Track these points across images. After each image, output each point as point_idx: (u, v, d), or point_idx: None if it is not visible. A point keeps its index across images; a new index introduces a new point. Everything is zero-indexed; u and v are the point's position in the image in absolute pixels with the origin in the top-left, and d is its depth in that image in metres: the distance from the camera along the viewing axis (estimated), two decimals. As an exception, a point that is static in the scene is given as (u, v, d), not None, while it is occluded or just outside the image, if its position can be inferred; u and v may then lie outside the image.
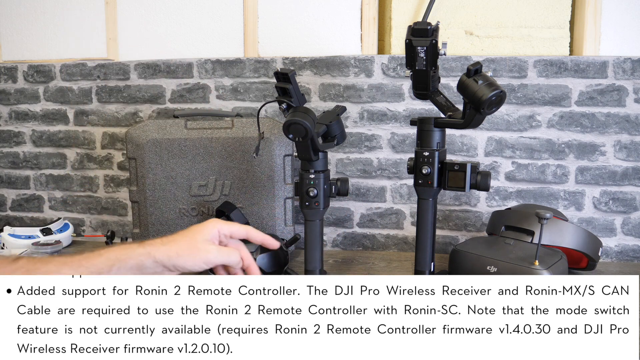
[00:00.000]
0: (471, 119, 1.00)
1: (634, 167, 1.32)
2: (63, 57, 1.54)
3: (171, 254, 0.71)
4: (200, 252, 0.72)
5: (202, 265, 0.72)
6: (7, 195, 1.62)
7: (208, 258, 0.72)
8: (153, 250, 0.71)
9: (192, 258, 0.71)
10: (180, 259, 0.71)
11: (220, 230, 0.76)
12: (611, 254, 1.35)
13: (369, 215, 1.44)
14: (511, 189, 1.38)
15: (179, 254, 0.71)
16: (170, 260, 0.71)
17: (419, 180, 1.07)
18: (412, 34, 0.99)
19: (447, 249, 1.39)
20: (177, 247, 0.71)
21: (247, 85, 1.45)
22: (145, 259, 0.70)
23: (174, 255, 0.71)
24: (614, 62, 1.30)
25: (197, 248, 0.72)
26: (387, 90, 1.38)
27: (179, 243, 0.72)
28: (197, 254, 0.72)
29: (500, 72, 1.33)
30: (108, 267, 0.69)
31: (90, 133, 1.54)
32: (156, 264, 0.70)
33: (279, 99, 1.02)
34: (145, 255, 0.70)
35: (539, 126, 1.34)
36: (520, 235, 1.10)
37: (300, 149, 1.03)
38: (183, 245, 0.72)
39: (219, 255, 0.73)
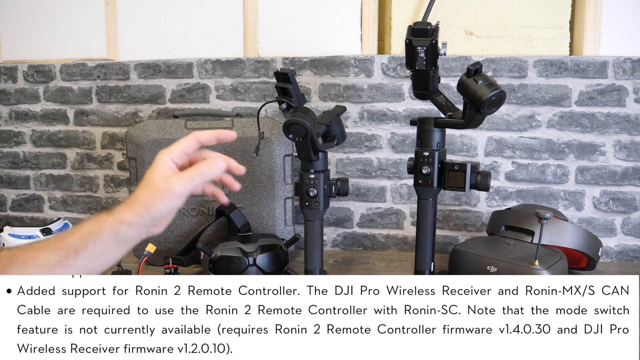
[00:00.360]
0: (471, 119, 1.00)
1: (634, 167, 1.32)
2: (63, 57, 1.54)
3: (139, 210, 0.67)
4: (162, 191, 0.67)
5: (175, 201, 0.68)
6: (7, 195, 1.62)
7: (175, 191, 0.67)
8: (122, 215, 0.67)
9: (160, 202, 0.67)
10: (151, 208, 0.67)
11: (171, 157, 0.70)
12: (611, 254, 1.35)
13: (369, 215, 1.44)
14: (511, 189, 1.38)
15: (146, 207, 0.67)
16: (142, 217, 0.67)
17: (419, 180, 1.07)
18: (412, 34, 0.99)
19: (447, 249, 1.39)
20: (141, 202, 0.67)
21: (247, 85, 1.45)
22: (118, 225, 0.66)
23: (143, 210, 0.67)
24: (614, 62, 1.30)
25: (159, 190, 0.67)
26: (387, 90, 1.38)
27: (140, 196, 0.68)
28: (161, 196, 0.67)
29: (500, 72, 1.33)
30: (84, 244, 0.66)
31: (90, 133, 1.54)
32: (131, 227, 0.67)
33: (279, 99, 1.02)
34: (117, 222, 0.67)
35: (539, 126, 1.34)
36: (520, 235, 1.10)
37: (300, 149, 1.03)
38: (145, 196, 0.67)
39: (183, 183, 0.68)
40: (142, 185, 0.69)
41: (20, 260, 0.65)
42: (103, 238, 0.66)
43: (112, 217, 0.67)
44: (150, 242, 1.23)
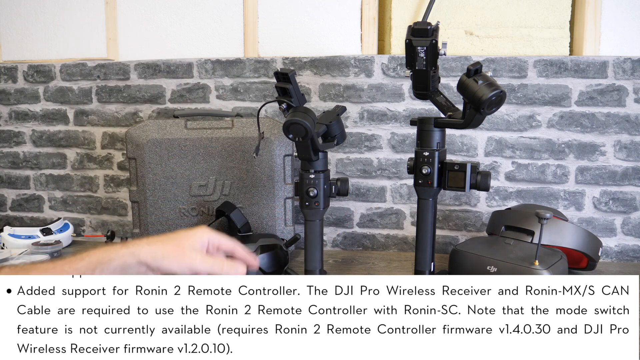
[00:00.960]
0: (471, 119, 1.00)
1: (634, 167, 1.32)
2: (63, 57, 1.54)
3: (156, 255, 0.69)
4: (185, 257, 0.70)
5: (186, 270, 0.71)
6: (7, 195, 1.62)
7: (193, 264, 0.71)
8: (137, 250, 0.69)
9: (177, 262, 0.70)
10: (165, 261, 0.69)
11: (210, 240, 0.75)
12: (611, 254, 1.35)
13: (369, 215, 1.44)
14: (511, 189, 1.38)
15: (164, 256, 0.69)
16: (155, 261, 0.69)
17: (419, 180, 1.07)
18: (412, 34, 0.99)
19: (447, 249, 1.39)
20: (162, 249, 0.70)
21: (247, 85, 1.45)
22: (129, 259, 0.68)
23: (159, 256, 0.69)
24: (614, 62, 1.30)
25: (184, 253, 0.71)
26: (387, 90, 1.38)
27: (165, 245, 0.71)
28: (182, 259, 0.70)
29: (500, 72, 1.33)
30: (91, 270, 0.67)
31: (90, 133, 1.54)
32: (140, 264, 0.69)
33: (279, 99, 1.02)
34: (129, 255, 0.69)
35: (539, 126, 1.34)
36: (520, 235, 1.09)
37: (300, 149, 1.03)
38: (169, 248, 0.70)
39: (204, 263, 0.71)
40: (172, 239, 0.72)
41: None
42: (110, 268, 0.68)
43: (126, 249, 0.69)
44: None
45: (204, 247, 0.75)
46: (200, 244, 0.74)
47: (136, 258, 0.69)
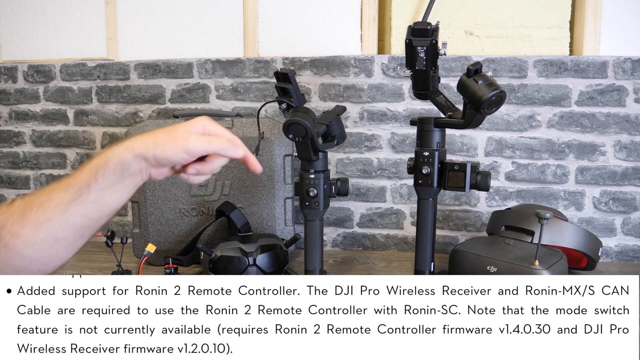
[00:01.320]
0: (471, 119, 1.00)
1: (634, 167, 1.32)
2: (63, 57, 1.54)
3: (149, 144, 0.68)
4: (178, 139, 0.68)
5: (182, 154, 0.68)
6: (7, 195, 1.62)
7: (187, 145, 0.68)
8: (131, 144, 0.68)
9: (170, 146, 0.68)
10: (159, 148, 0.67)
11: (206, 126, 0.72)
12: (611, 254, 1.35)
13: (369, 215, 1.44)
14: (511, 189, 1.38)
15: (156, 144, 0.68)
16: (148, 150, 0.67)
17: (419, 180, 1.07)
18: (412, 34, 0.99)
19: (447, 249, 1.39)
20: (154, 137, 0.68)
21: (247, 85, 1.45)
22: (124, 153, 0.67)
23: (152, 144, 0.68)
24: (614, 62, 1.30)
25: (176, 137, 0.68)
26: (387, 90, 1.38)
27: (157, 133, 0.69)
28: (175, 142, 0.68)
29: (500, 72, 1.33)
30: (94, 177, 0.67)
31: (90, 133, 1.54)
32: (136, 158, 0.67)
33: (279, 99, 1.02)
34: (124, 150, 0.68)
35: (539, 126, 1.34)
36: (520, 235, 1.10)
37: (300, 149, 1.03)
38: (161, 135, 0.69)
39: (199, 142, 0.68)
40: (164, 129, 0.70)
41: (36, 205, 0.66)
42: (110, 169, 0.67)
43: (121, 145, 0.68)
44: (150, 242, 1.24)
45: (200, 132, 0.71)
46: (196, 129, 0.71)
47: (131, 151, 0.68)
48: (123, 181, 0.69)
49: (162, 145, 0.68)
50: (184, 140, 0.68)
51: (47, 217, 0.66)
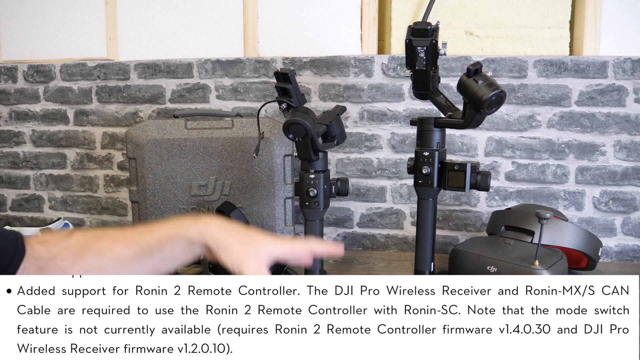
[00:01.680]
0: (471, 119, 1.00)
1: (634, 167, 1.32)
2: (63, 57, 1.54)
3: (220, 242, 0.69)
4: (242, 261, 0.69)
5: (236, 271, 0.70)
6: (7, 195, 1.62)
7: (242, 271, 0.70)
8: (206, 231, 0.69)
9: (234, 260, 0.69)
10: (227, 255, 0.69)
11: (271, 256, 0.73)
12: (611, 254, 1.35)
13: (369, 215, 1.44)
14: (511, 189, 1.38)
15: (227, 249, 0.69)
16: (218, 248, 0.69)
17: (419, 180, 1.07)
18: (412, 34, 0.99)
19: (447, 249, 1.39)
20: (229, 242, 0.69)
21: (247, 85, 1.45)
22: (196, 236, 0.69)
23: (223, 247, 0.69)
24: (614, 62, 1.30)
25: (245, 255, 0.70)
26: (387, 90, 1.38)
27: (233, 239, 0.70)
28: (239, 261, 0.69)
29: (500, 72, 1.33)
30: (161, 246, 0.68)
31: (90, 133, 1.54)
32: (202, 246, 0.69)
33: (279, 99, 1.02)
34: (197, 234, 0.69)
35: (539, 126, 1.34)
36: (520, 235, 1.10)
37: (300, 149, 1.03)
38: (235, 245, 0.70)
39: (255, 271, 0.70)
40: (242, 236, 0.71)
41: (95, 250, 0.68)
42: (177, 244, 0.69)
43: (195, 226, 0.69)
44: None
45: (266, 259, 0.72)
46: (265, 256, 0.72)
47: (202, 239, 0.69)
48: (184, 256, 0.71)
49: (230, 254, 0.69)
50: (246, 267, 0.69)
51: (101, 266, 0.68)
